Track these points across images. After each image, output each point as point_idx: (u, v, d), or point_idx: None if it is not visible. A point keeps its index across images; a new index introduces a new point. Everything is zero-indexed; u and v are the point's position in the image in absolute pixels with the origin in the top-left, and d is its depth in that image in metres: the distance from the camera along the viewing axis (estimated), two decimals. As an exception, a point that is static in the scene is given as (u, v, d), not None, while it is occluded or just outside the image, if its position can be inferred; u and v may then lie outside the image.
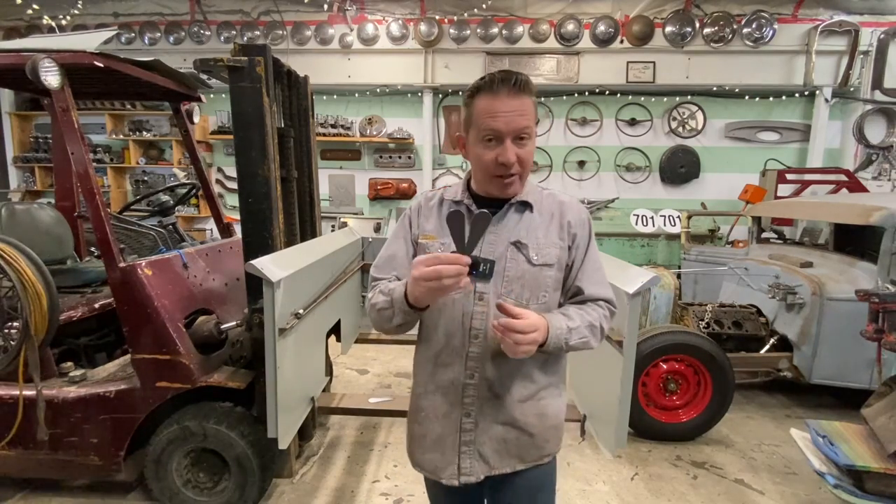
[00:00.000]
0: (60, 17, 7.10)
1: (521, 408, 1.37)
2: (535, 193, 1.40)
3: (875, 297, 2.50)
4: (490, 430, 1.38)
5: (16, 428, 2.55)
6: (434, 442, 1.43)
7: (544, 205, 1.40)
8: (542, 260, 1.34)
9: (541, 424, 1.40)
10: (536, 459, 1.41)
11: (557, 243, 1.36)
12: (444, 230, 1.36)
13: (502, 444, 1.38)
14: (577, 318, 1.32)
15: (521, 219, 1.37)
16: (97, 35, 2.60)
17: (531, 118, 1.27)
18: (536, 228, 1.36)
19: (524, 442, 1.39)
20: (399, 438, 3.55)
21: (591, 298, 1.39)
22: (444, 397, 1.40)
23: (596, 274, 1.41)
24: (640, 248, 7.08)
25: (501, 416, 1.37)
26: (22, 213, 3.23)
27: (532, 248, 1.34)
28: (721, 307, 4.20)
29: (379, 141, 7.65)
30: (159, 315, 2.48)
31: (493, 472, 1.39)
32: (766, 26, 6.78)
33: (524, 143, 1.28)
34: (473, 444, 1.38)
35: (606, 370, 2.31)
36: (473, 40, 7.08)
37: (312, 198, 3.28)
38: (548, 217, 1.38)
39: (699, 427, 3.55)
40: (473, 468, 1.38)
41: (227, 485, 2.64)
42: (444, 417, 1.40)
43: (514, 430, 1.38)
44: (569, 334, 1.28)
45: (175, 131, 7.53)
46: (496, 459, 1.39)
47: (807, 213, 4.69)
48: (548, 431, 1.41)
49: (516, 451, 1.39)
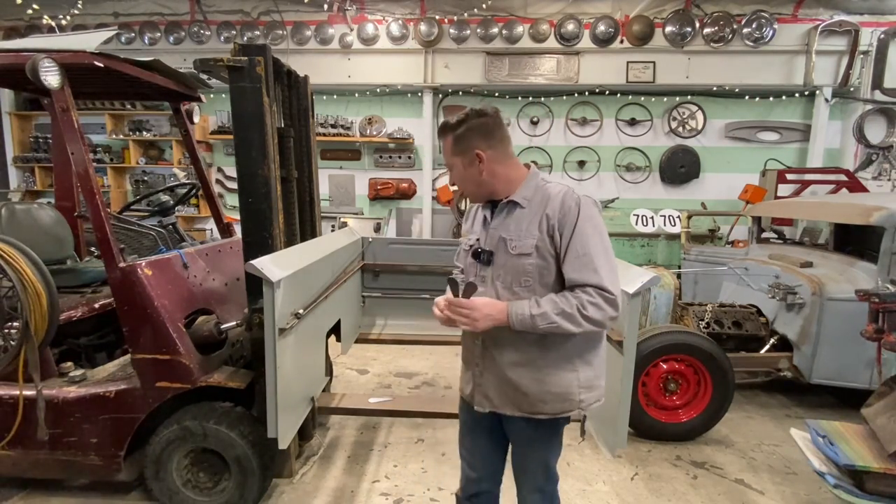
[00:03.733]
0: (60, 17, 7.10)
1: (515, 370, 1.68)
2: (529, 191, 1.67)
3: (875, 297, 2.50)
4: (491, 379, 1.73)
5: (16, 428, 2.55)
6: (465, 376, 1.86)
7: (535, 200, 1.64)
8: (518, 250, 1.60)
9: (538, 388, 1.66)
10: (530, 412, 1.70)
11: (535, 234, 1.59)
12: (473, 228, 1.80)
13: (501, 392, 1.72)
14: (546, 306, 1.54)
15: (510, 216, 1.66)
16: (97, 35, 2.60)
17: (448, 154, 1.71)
18: (520, 223, 1.63)
19: (519, 396, 1.69)
20: (399, 438, 3.55)
21: (575, 284, 1.56)
22: (469, 348, 1.81)
23: (578, 260, 1.55)
24: (640, 248, 7.08)
25: (497, 372, 1.71)
26: (22, 213, 3.23)
27: (512, 241, 1.62)
28: (721, 307, 4.19)
29: (379, 141, 7.65)
30: (159, 315, 2.48)
31: (497, 410, 1.74)
32: (766, 26, 6.78)
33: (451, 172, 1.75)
34: (481, 387, 1.76)
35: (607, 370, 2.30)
36: (473, 40, 7.09)
37: (312, 198, 3.28)
38: (534, 211, 1.63)
39: (699, 427, 3.55)
40: (482, 403, 1.77)
41: (227, 485, 2.63)
42: (469, 362, 1.82)
43: (509, 385, 1.69)
44: (531, 320, 1.54)
45: (175, 131, 7.53)
46: (497, 401, 1.74)
47: (807, 213, 4.69)
48: (546, 395, 1.67)
49: (512, 401, 1.71)
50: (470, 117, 1.66)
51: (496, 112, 1.69)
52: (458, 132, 1.66)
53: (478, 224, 1.76)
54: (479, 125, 1.65)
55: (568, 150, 7.63)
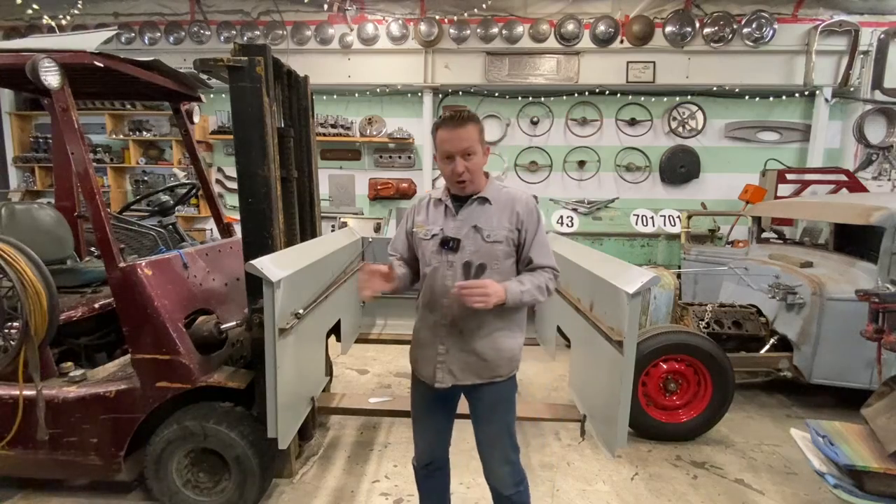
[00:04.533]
0: (60, 17, 7.10)
1: (479, 342, 1.96)
2: (494, 190, 1.98)
3: (875, 297, 2.50)
4: (455, 355, 1.97)
5: (16, 428, 2.55)
6: (423, 359, 2.05)
7: (500, 198, 1.96)
8: (493, 238, 1.92)
9: (495, 354, 1.97)
10: (490, 378, 1.99)
11: (506, 226, 1.93)
12: (429, 220, 2.00)
13: (465, 364, 1.98)
14: (527, 283, 1.89)
15: (481, 209, 1.95)
16: (97, 35, 2.60)
17: (474, 140, 1.87)
18: (491, 216, 1.94)
19: (480, 365, 1.98)
20: (399, 438, 3.55)
21: (539, 266, 1.96)
22: (429, 332, 2.02)
23: (542, 249, 1.96)
24: (640, 248, 7.08)
25: (462, 346, 1.97)
26: (22, 213, 3.23)
27: (486, 230, 1.92)
28: (721, 307, 4.20)
29: (379, 141, 7.65)
30: (159, 315, 2.48)
31: (458, 383, 1.99)
32: (766, 26, 6.78)
33: (470, 158, 1.87)
34: (444, 364, 1.98)
35: (606, 370, 2.31)
36: (473, 40, 7.08)
37: (312, 198, 3.28)
38: (501, 207, 1.95)
39: (699, 427, 3.55)
40: (444, 379, 1.99)
41: (227, 485, 2.63)
42: (429, 345, 2.02)
43: (474, 356, 1.97)
44: (521, 295, 1.86)
45: (175, 131, 7.53)
46: (460, 375, 1.99)
47: (807, 213, 4.69)
48: (501, 360, 1.99)
49: (475, 371, 1.98)
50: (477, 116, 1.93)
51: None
52: (480, 125, 1.90)
53: (437, 217, 1.98)
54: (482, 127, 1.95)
55: (568, 150, 7.62)
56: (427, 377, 2.03)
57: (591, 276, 2.55)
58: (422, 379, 2.07)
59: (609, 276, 2.33)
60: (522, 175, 7.72)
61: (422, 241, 2.00)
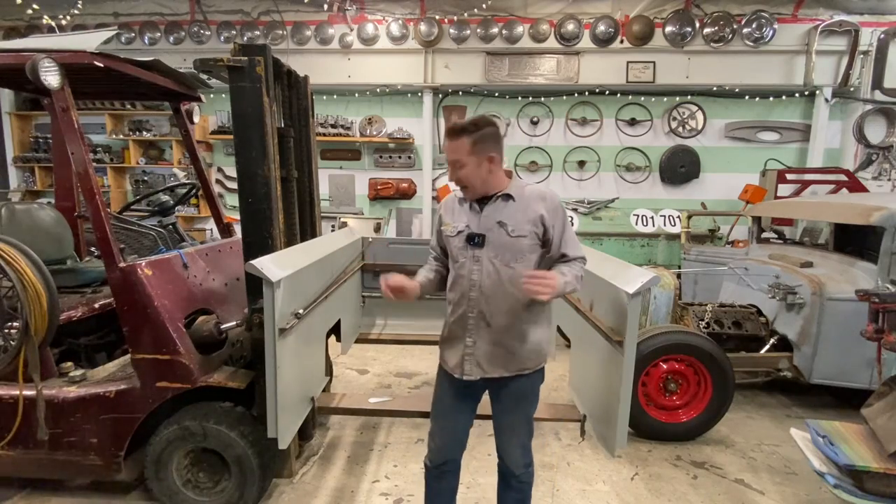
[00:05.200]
0: (60, 17, 7.10)
1: (506, 334, 2.02)
2: (517, 188, 2.03)
3: (875, 297, 2.50)
4: (483, 347, 2.03)
5: (16, 428, 2.55)
6: (451, 350, 2.11)
7: (523, 195, 2.02)
8: (517, 233, 1.98)
9: (522, 347, 2.03)
10: (517, 370, 2.05)
11: (531, 221, 1.98)
12: (455, 218, 2.08)
13: (492, 356, 2.03)
14: (569, 275, 1.97)
15: (504, 206, 2.01)
16: (97, 35, 2.60)
17: (464, 152, 1.94)
18: (515, 212, 1.99)
19: (508, 357, 2.03)
20: (399, 438, 3.55)
21: (573, 258, 2.03)
22: (458, 325, 2.07)
23: (572, 241, 2.05)
24: (640, 248, 7.08)
25: (491, 338, 2.02)
26: (22, 213, 3.23)
27: (510, 226, 1.98)
28: (721, 307, 4.19)
29: (379, 141, 7.65)
30: (159, 315, 2.48)
31: (486, 375, 2.05)
32: (766, 26, 6.78)
33: (461, 169, 1.96)
34: (472, 356, 2.04)
35: (606, 370, 2.31)
36: (473, 40, 7.08)
37: (312, 198, 3.28)
38: (525, 204, 2.00)
39: (699, 427, 3.55)
40: (472, 371, 2.05)
41: (227, 485, 2.63)
42: (458, 338, 2.07)
43: (501, 347, 2.02)
44: (565, 286, 1.95)
45: (175, 131, 7.53)
46: (487, 367, 2.04)
47: (807, 213, 4.69)
48: (528, 352, 2.04)
49: (502, 363, 2.04)
50: (484, 124, 1.95)
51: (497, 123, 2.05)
52: (477, 136, 1.93)
53: (462, 215, 2.05)
54: (493, 133, 1.97)
55: (568, 150, 7.62)
56: (455, 369, 2.08)
57: (591, 276, 2.55)
58: (449, 371, 2.12)
59: (609, 276, 2.33)
60: (522, 175, 7.70)
61: (450, 238, 2.08)
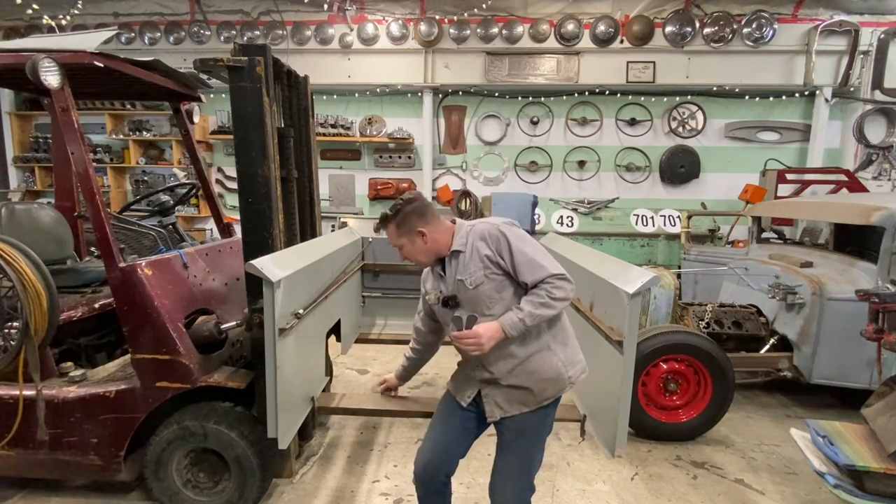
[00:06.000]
0: (60, 17, 7.10)
1: (512, 376, 1.96)
2: (461, 239, 1.98)
3: (875, 297, 2.50)
4: (497, 391, 2.01)
5: (16, 428, 2.55)
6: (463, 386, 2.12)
7: (468, 245, 1.97)
8: (475, 284, 1.93)
9: (533, 381, 1.96)
10: (537, 404, 1.99)
11: (480, 267, 1.93)
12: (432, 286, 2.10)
13: (509, 399, 1.99)
14: (526, 307, 1.87)
15: (457, 263, 1.99)
16: (97, 35, 2.60)
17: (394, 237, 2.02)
18: (467, 264, 1.95)
19: (525, 395, 1.98)
20: (399, 438, 3.55)
21: (534, 284, 1.89)
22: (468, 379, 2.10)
23: (528, 266, 1.89)
24: (640, 248, 7.08)
25: (502, 384, 1.98)
26: (22, 213, 3.23)
27: (467, 280, 1.94)
28: (721, 307, 4.19)
29: (379, 141, 7.65)
30: (159, 315, 2.48)
31: (507, 415, 2.00)
32: (766, 26, 6.78)
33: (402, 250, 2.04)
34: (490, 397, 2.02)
35: (606, 370, 2.30)
36: (473, 40, 7.08)
37: (312, 198, 3.28)
38: (470, 252, 1.96)
39: (699, 427, 3.55)
40: (493, 413, 2.02)
41: (227, 485, 2.63)
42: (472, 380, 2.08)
43: (514, 389, 1.98)
44: (521, 322, 1.85)
45: (175, 131, 7.53)
46: (507, 407, 2.00)
47: (807, 213, 4.69)
48: (542, 384, 1.97)
49: (521, 402, 1.99)
50: (404, 205, 1.98)
51: (420, 194, 2.07)
52: (398, 220, 1.98)
53: (435, 281, 2.08)
54: (413, 210, 1.98)
55: (568, 150, 7.62)
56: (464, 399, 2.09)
57: (591, 276, 2.55)
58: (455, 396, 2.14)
59: (609, 276, 2.33)
60: (522, 175, 7.72)
61: (434, 307, 2.12)
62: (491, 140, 7.71)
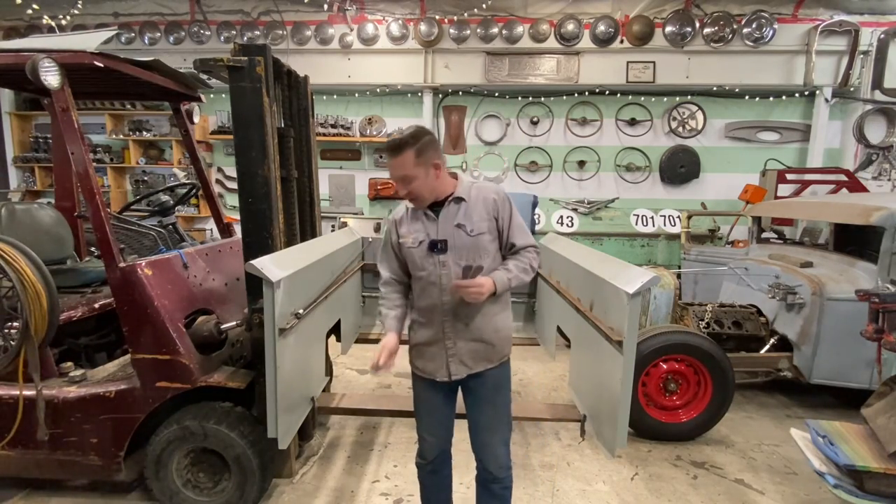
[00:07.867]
0: (60, 17, 7.10)
1: (484, 329, 2.10)
2: (466, 189, 2.08)
3: (875, 297, 2.50)
4: (465, 346, 2.11)
5: (16, 428, 2.55)
6: (431, 357, 2.16)
7: (473, 195, 2.07)
8: (476, 231, 2.04)
9: (497, 336, 2.13)
10: (498, 360, 2.15)
11: (486, 217, 2.05)
12: (412, 229, 2.10)
13: (474, 353, 2.11)
14: (513, 269, 2.06)
15: (458, 208, 2.06)
16: (97, 35, 2.60)
17: (410, 166, 1.95)
18: (471, 212, 2.05)
19: (489, 350, 2.12)
20: (399, 438, 3.55)
21: (521, 248, 2.11)
22: (432, 331, 2.13)
23: (520, 231, 2.11)
24: (640, 248, 7.08)
25: (470, 335, 2.10)
26: (22, 213, 3.23)
27: (468, 226, 2.04)
28: (721, 307, 4.19)
29: (379, 141, 7.65)
30: (159, 315, 2.48)
31: (472, 371, 2.12)
32: (766, 26, 6.78)
33: (410, 183, 1.98)
34: (455, 356, 2.11)
35: (606, 370, 2.31)
36: (473, 40, 7.08)
37: (312, 198, 3.28)
38: (475, 202, 2.06)
39: (699, 427, 3.55)
40: (459, 370, 2.12)
41: (227, 485, 2.63)
42: (435, 343, 2.13)
43: (481, 343, 2.11)
44: (509, 282, 2.03)
45: (175, 131, 7.53)
46: (472, 363, 2.12)
47: (807, 213, 4.69)
48: (503, 341, 2.15)
49: (484, 356, 2.12)
50: (422, 134, 1.97)
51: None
52: (418, 146, 1.95)
53: (418, 224, 2.09)
54: (432, 140, 2.00)
55: (568, 150, 7.62)
56: (437, 372, 2.14)
57: (591, 276, 2.55)
58: (428, 377, 2.17)
59: (609, 276, 2.33)
60: (522, 175, 7.72)
61: (411, 250, 2.10)
62: (491, 140, 7.71)
